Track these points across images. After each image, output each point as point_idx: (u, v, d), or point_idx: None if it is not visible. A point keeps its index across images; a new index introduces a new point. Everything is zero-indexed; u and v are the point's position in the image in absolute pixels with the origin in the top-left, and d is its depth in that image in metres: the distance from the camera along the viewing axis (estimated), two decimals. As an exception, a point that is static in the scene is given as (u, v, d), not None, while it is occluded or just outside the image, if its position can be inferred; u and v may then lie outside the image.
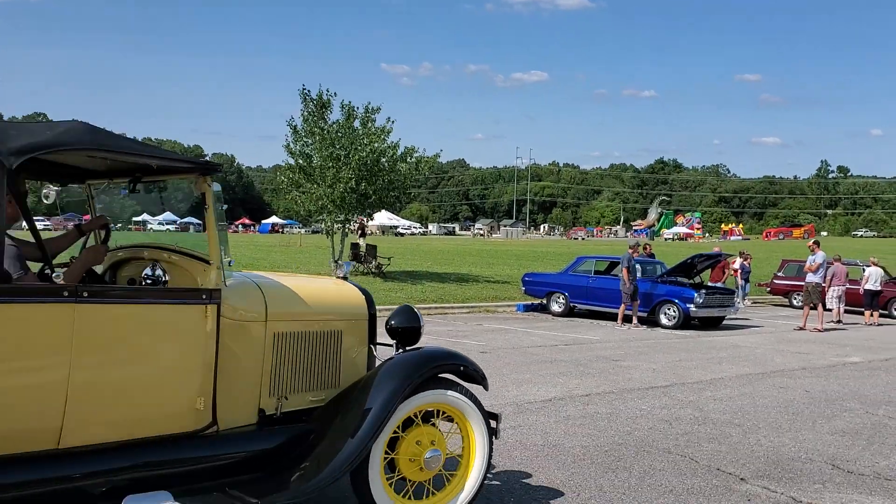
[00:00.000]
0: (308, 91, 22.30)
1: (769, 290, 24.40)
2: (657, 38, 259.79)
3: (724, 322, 17.24)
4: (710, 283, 18.63)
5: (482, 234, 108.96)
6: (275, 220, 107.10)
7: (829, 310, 18.64)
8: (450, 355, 4.56)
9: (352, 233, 24.91)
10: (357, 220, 27.57)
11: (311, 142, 22.11)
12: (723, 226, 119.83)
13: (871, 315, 19.19)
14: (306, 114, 22.25)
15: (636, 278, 16.06)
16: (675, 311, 16.25)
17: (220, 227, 3.90)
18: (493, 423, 4.53)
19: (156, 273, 3.76)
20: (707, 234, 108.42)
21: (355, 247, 25.32)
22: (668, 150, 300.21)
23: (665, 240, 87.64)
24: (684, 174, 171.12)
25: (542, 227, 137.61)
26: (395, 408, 4.04)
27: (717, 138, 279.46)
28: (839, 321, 18.84)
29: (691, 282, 17.38)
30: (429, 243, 62.43)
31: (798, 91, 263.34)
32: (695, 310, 16.00)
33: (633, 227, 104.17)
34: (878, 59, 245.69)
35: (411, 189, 28.62)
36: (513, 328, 14.99)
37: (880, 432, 7.28)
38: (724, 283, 20.16)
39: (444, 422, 4.43)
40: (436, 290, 20.63)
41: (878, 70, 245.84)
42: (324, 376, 4.33)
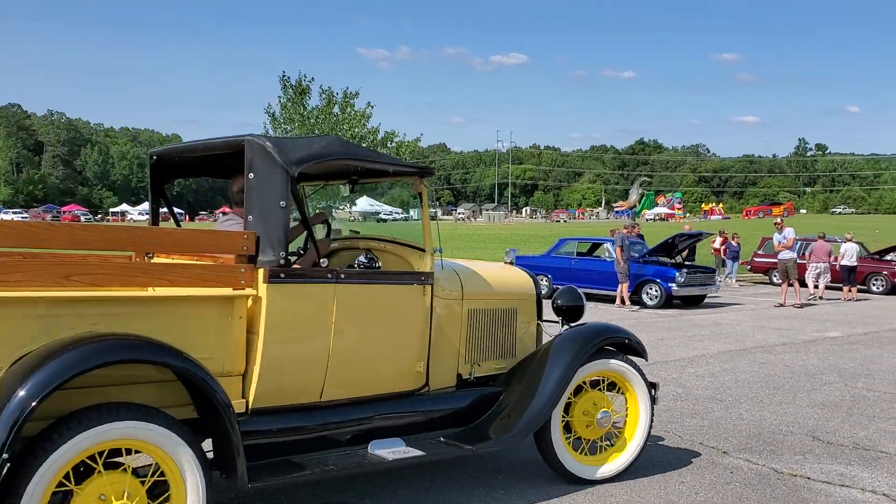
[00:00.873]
0: (288, 77, 22.23)
1: (749, 268, 24.65)
2: (635, 18, 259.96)
3: (706, 300, 17.42)
4: (690, 263, 18.80)
5: (464, 219, 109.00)
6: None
7: (816, 286, 18.93)
8: (616, 329, 5.24)
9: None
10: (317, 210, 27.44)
11: (290, 128, 22.02)
12: (703, 205, 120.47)
13: (849, 290, 19.44)
14: (285, 100, 22.16)
15: (629, 258, 16.11)
16: (657, 291, 16.38)
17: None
18: (653, 391, 5.15)
19: (368, 260, 4.43)
20: (687, 214, 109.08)
21: (336, 233, 25.26)
22: (647, 131, 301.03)
23: (647, 220, 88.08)
24: (664, 155, 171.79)
25: (524, 210, 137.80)
26: (573, 375, 4.72)
27: (695, 118, 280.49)
28: (820, 297, 19.10)
29: (672, 261, 17.53)
30: (411, 229, 62.41)
31: (775, 69, 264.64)
32: (676, 289, 16.14)
33: (615, 209, 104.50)
34: (854, 36, 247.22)
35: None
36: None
37: (858, 404, 7.42)
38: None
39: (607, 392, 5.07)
40: (419, 275, 20.67)
41: (855, 48, 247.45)
42: (504, 347, 5.10)
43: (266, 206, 3.85)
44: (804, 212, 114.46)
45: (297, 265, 4.27)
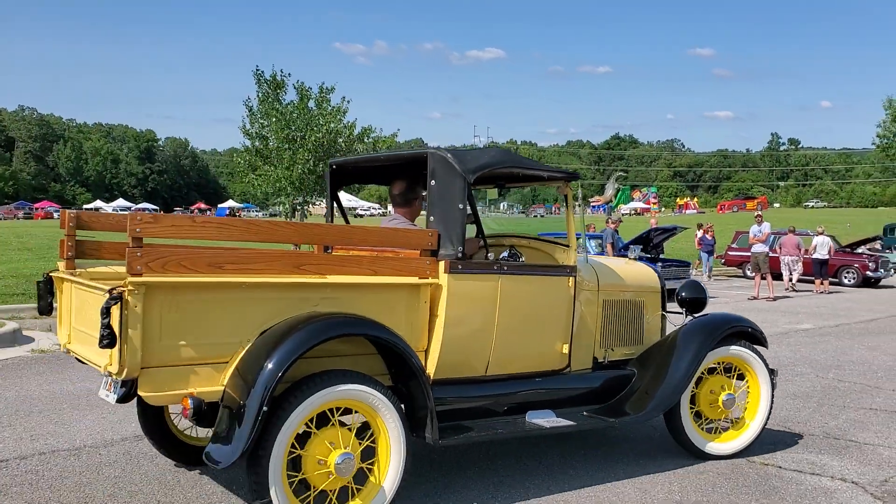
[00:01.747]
0: (262, 72, 22.06)
1: (724, 261, 24.92)
2: (611, 13, 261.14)
3: (680, 294, 17.54)
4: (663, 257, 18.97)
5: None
6: (231, 203, 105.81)
7: (790, 279, 19.20)
8: (740, 319, 5.67)
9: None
10: (277, 202, 27.39)
11: (266, 123, 21.89)
12: (678, 200, 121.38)
13: (821, 283, 19.74)
14: (261, 95, 22.01)
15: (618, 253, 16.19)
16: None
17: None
18: (773, 378, 5.58)
19: (511, 256, 5.05)
20: (663, 209, 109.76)
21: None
22: (623, 126, 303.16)
23: (623, 215, 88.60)
24: (640, 150, 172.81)
25: (501, 205, 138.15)
26: (703, 360, 5.24)
27: (671, 113, 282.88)
28: (791, 288, 19.37)
29: (648, 255, 17.69)
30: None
31: (749, 65, 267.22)
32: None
33: (591, 204, 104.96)
34: (827, 32, 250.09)
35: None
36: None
37: (829, 395, 7.57)
38: None
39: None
40: (397, 270, 20.66)
41: (827, 43, 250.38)
42: (633, 335, 5.63)
43: (446, 208, 4.48)
44: (778, 206, 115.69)
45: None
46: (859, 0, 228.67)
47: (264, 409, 3.55)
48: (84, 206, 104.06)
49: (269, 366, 3.59)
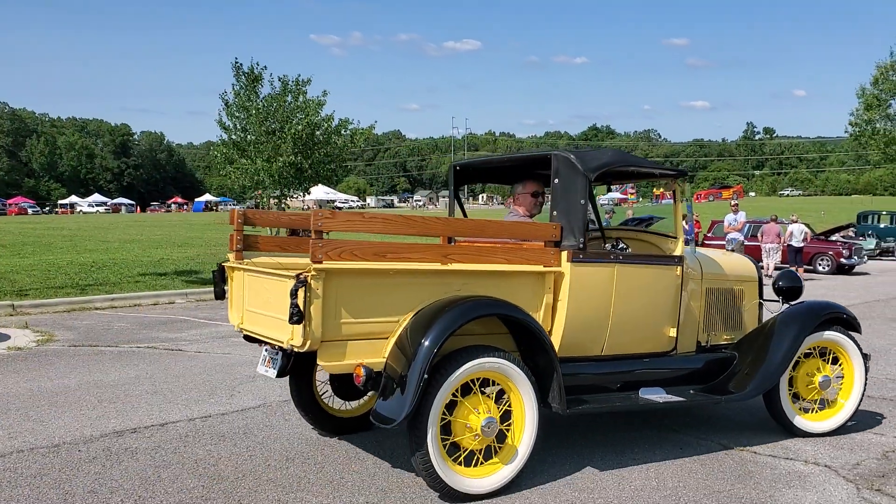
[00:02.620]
0: (240, 64, 21.91)
1: (700, 250, 25.10)
2: (586, 3, 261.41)
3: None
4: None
5: (422, 206, 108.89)
6: (209, 197, 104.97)
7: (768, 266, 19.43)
8: (836, 306, 6.01)
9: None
10: (254, 196, 27.18)
11: (243, 116, 21.76)
12: (654, 190, 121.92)
13: (796, 270, 19.99)
14: (238, 88, 21.87)
15: None
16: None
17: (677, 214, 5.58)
18: (866, 361, 5.89)
19: (619, 246, 5.46)
20: (640, 199, 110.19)
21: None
22: (600, 117, 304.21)
23: (601, 205, 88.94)
24: (617, 140, 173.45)
25: (480, 196, 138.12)
26: (801, 345, 5.60)
27: (647, 104, 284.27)
28: (769, 276, 19.60)
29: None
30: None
31: (724, 54, 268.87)
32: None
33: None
34: (800, 21, 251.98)
35: (347, 162, 28.43)
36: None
37: (803, 380, 7.67)
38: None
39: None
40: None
41: (801, 32, 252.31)
42: (733, 321, 6.04)
43: (569, 204, 4.95)
44: (753, 195, 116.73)
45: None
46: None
47: (425, 377, 4.11)
48: (59, 201, 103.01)
49: (427, 341, 4.16)
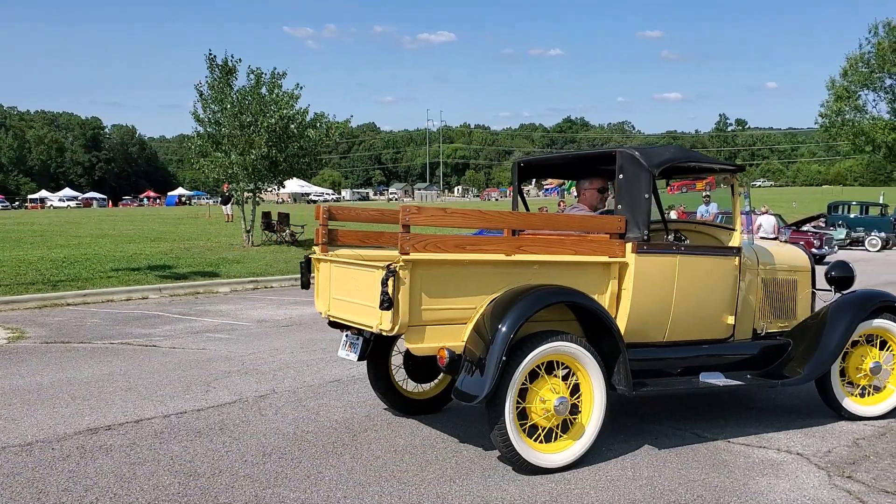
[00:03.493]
0: (214, 56, 21.68)
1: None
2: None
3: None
4: None
5: (397, 199, 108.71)
6: (182, 191, 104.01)
7: None
8: (887, 294, 6.17)
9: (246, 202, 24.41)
10: (223, 188, 26.93)
11: (216, 109, 21.55)
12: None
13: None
14: (212, 80, 21.65)
15: None
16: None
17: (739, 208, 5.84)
18: None
19: (677, 238, 5.69)
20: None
21: (266, 216, 24.96)
22: (574, 109, 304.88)
23: (575, 197, 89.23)
24: (592, 132, 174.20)
25: (455, 189, 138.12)
26: (853, 332, 5.80)
27: (621, 96, 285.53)
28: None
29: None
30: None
31: (697, 47, 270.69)
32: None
33: (545, 186, 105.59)
34: (773, 14, 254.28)
35: (322, 155, 28.28)
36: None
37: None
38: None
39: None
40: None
41: (773, 24, 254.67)
42: (787, 310, 6.25)
43: (633, 198, 5.22)
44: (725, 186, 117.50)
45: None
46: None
47: (503, 359, 4.43)
48: (29, 196, 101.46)
49: (504, 327, 4.48)
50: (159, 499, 4.30)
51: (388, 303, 4.37)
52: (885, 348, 6.05)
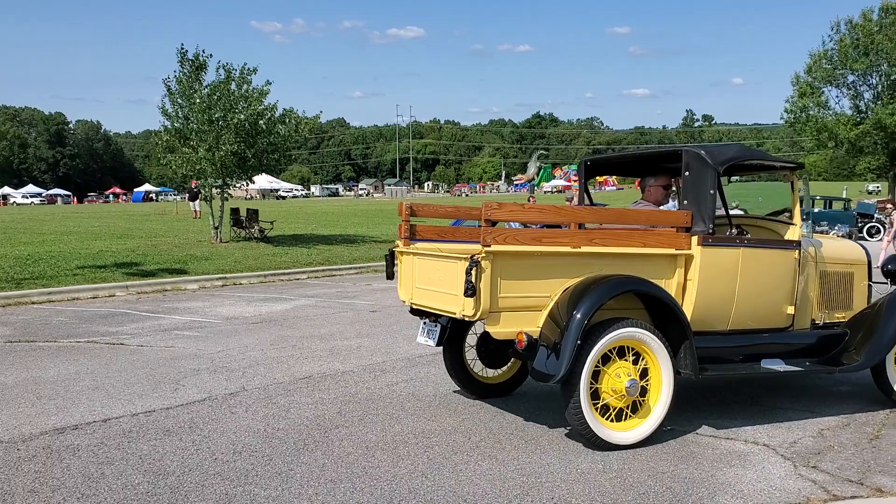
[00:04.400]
0: (186, 51, 21.40)
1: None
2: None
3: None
4: None
5: (364, 194, 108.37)
6: (148, 187, 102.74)
7: None
8: None
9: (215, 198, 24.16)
10: (191, 184, 26.61)
11: (185, 104, 21.28)
12: (597, 177, 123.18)
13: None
14: (181, 75, 21.37)
15: None
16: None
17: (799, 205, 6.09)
18: None
19: (740, 232, 5.95)
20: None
21: (235, 212, 24.74)
22: (544, 105, 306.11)
23: (545, 192, 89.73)
24: (560, 128, 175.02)
25: (426, 184, 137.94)
26: None
27: (590, 91, 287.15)
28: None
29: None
30: (312, 205, 61.65)
31: (665, 42, 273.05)
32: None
33: (515, 182, 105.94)
34: (739, 10, 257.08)
35: (292, 151, 28.06)
36: (400, 286, 15.08)
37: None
38: None
39: None
40: (322, 252, 20.52)
41: (740, 21, 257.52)
42: (844, 301, 6.52)
43: (699, 194, 5.56)
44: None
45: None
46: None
47: (578, 343, 4.81)
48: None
49: (579, 313, 4.86)
50: (128, 498, 4.26)
51: (471, 290, 4.79)
52: None
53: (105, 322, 10.49)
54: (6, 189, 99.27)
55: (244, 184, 24.60)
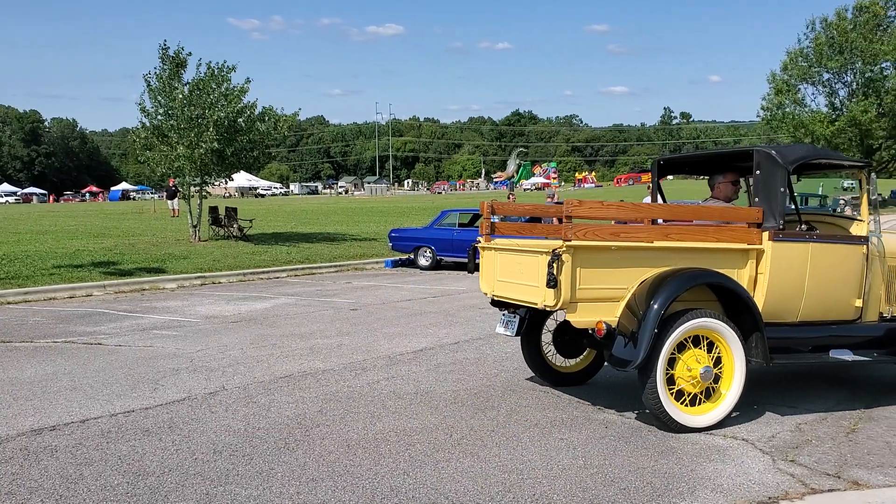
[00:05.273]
0: (168, 48, 21.23)
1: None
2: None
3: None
4: None
5: (343, 192, 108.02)
6: (125, 186, 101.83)
7: None
8: None
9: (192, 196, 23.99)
10: (169, 183, 26.36)
11: (165, 101, 21.10)
12: (576, 174, 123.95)
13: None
14: (161, 72, 21.19)
15: None
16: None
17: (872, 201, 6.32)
18: None
19: (809, 228, 6.13)
20: (562, 183, 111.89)
21: (214, 210, 24.58)
22: (523, 103, 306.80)
23: (524, 190, 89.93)
24: (540, 126, 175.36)
25: (405, 182, 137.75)
26: None
27: (568, 89, 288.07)
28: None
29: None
30: (291, 203, 61.39)
31: (643, 40, 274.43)
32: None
33: (494, 179, 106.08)
34: (716, 8, 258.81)
35: (271, 149, 27.91)
36: (382, 284, 15.14)
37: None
38: None
39: None
40: (302, 251, 20.44)
41: (716, 19, 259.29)
42: None
43: (770, 191, 5.79)
44: (671, 178, 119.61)
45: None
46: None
47: (655, 332, 5.11)
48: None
49: (656, 304, 5.17)
50: (107, 499, 4.22)
51: (553, 282, 5.12)
52: None
53: (82, 322, 10.39)
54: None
55: (223, 182, 24.44)
